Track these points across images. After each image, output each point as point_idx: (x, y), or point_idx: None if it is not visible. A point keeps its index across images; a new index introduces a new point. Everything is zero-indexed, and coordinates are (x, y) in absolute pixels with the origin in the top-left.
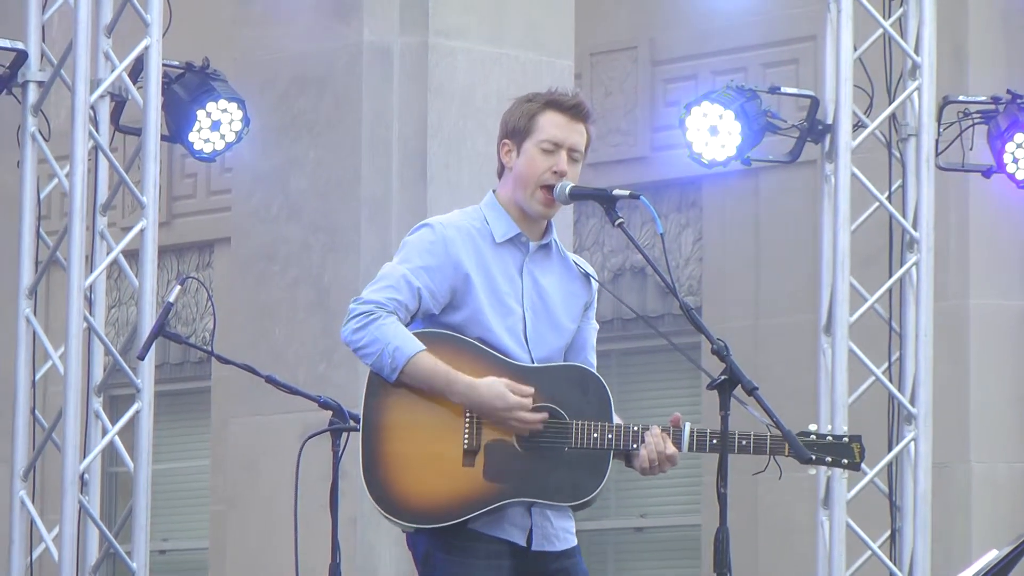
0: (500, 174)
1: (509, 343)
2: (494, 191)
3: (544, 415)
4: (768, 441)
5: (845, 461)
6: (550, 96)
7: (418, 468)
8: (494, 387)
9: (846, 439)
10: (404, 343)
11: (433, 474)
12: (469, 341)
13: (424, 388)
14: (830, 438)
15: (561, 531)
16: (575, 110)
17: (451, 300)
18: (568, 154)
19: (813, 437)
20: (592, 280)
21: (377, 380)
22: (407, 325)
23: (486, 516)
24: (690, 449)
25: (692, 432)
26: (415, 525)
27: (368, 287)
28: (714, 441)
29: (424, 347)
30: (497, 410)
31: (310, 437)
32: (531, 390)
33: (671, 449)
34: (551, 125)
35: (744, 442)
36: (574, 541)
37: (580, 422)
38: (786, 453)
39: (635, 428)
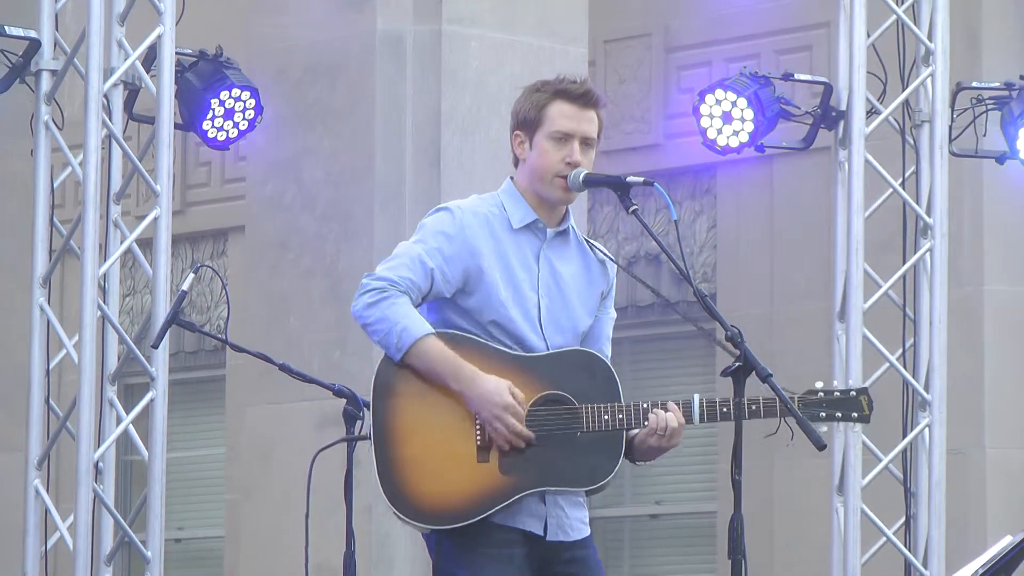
0: (516, 164)
1: (524, 329)
2: (512, 178)
3: (530, 433)
4: (777, 403)
5: (855, 415)
6: (558, 85)
7: (433, 469)
8: (499, 383)
9: (853, 392)
10: (412, 324)
11: (449, 473)
12: (469, 337)
13: (426, 371)
14: (837, 393)
15: (576, 521)
16: (584, 98)
17: (464, 285)
18: (580, 142)
19: (821, 394)
20: (610, 265)
21: (384, 382)
22: (417, 307)
23: (504, 509)
24: (701, 420)
25: (702, 402)
26: (437, 527)
27: (382, 264)
28: (724, 410)
29: (432, 331)
30: (493, 405)
31: (322, 450)
32: (527, 405)
33: (679, 420)
34: (561, 116)
35: (754, 406)
36: (587, 531)
37: (590, 406)
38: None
39: (644, 405)
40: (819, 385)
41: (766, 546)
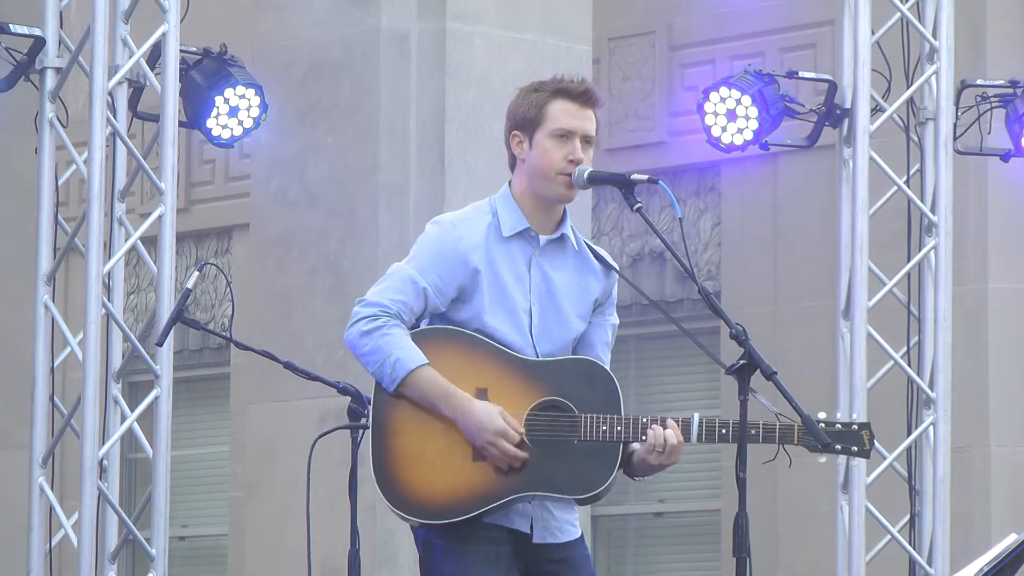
0: (512, 166)
1: (514, 338)
2: (510, 183)
3: (524, 455)
4: (777, 430)
5: (855, 449)
6: (558, 84)
7: (429, 464)
8: (490, 409)
9: (855, 426)
10: (405, 355)
11: (443, 469)
12: (476, 337)
13: (420, 401)
14: (839, 426)
15: (564, 523)
16: (584, 97)
17: (458, 296)
18: (581, 140)
19: (822, 425)
20: (613, 273)
21: None
22: (415, 324)
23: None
24: (699, 440)
25: (701, 422)
26: (428, 521)
27: (374, 287)
28: (723, 431)
29: (426, 361)
30: (486, 431)
31: (322, 435)
32: (521, 429)
33: (678, 438)
34: (562, 113)
35: (753, 431)
36: (578, 533)
37: (588, 415)
38: (795, 442)
39: (644, 420)
40: (822, 416)
41: (770, 544)
